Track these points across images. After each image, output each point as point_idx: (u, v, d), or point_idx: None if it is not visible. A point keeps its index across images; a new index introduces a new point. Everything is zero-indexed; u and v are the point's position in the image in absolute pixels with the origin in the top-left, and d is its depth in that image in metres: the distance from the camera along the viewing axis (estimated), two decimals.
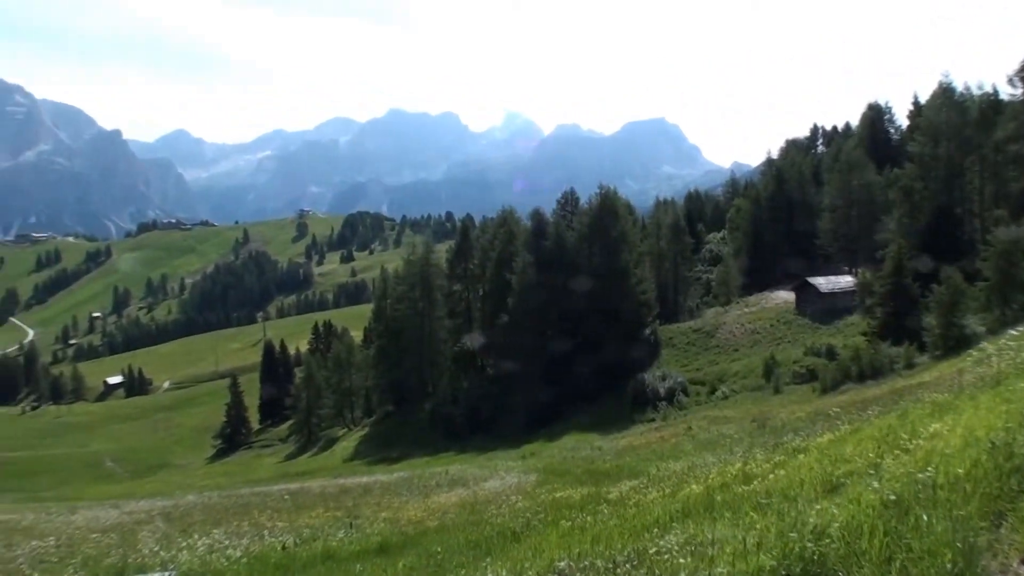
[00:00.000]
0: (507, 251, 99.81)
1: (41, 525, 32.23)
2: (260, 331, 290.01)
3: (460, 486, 36.53)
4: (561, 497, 26.01)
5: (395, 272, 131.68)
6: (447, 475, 43.36)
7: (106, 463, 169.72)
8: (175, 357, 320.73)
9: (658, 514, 15.68)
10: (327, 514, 31.99)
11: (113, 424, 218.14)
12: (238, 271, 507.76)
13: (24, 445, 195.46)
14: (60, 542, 27.12)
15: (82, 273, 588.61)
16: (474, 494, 32.38)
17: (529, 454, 61.72)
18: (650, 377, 79.13)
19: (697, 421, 60.79)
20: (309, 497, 39.89)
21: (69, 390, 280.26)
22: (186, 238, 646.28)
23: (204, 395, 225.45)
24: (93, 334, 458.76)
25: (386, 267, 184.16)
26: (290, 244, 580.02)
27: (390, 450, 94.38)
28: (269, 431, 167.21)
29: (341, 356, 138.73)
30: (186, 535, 28.41)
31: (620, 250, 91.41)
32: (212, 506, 38.52)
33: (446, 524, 25.53)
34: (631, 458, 41.76)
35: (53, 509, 42.77)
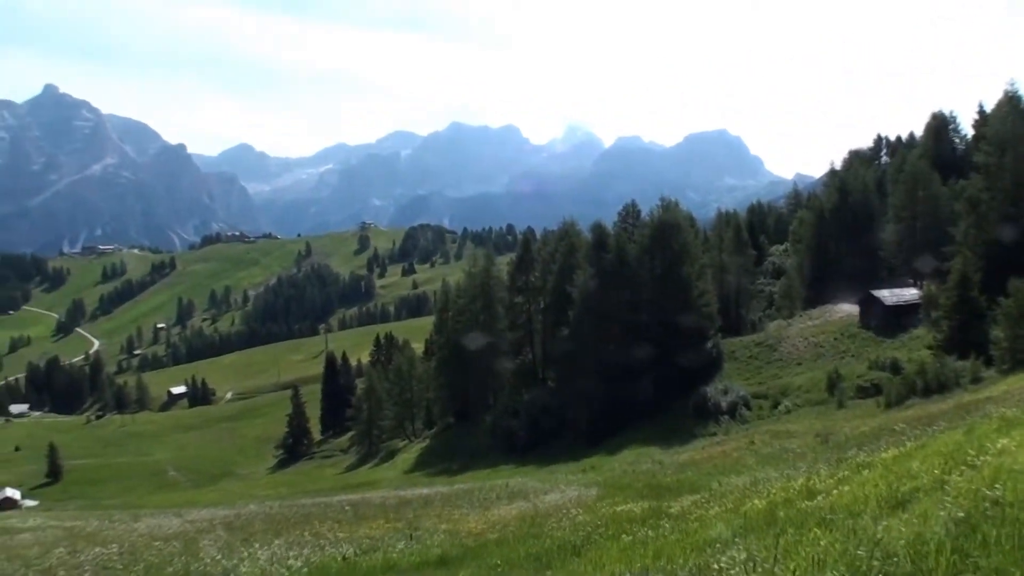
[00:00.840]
0: (568, 264, 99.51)
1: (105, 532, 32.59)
2: (322, 343, 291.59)
3: (520, 499, 36.45)
4: (622, 511, 25.85)
5: (456, 285, 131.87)
6: (507, 488, 43.28)
7: (169, 472, 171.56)
8: (238, 368, 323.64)
9: (720, 529, 15.53)
10: (387, 525, 32.05)
11: (176, 434, 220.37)
12: (300, 283, 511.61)
13: (89, 453, 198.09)
14: (123, 549, 27.39)
15: (147, 285, 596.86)
16: (534, 507, 32.29)
17: (589, 467, 61.45)
18: (712, 391, 78.48)
19: (759, 435, 60.14)
20: (369, 508, 39.98)
21: (133, 400, 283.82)
22: (249, 251, 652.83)
23: (266, 406, 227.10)
24: (157, 345, 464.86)
25: (447, 280, 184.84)
26: (352, 257, 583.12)
27: (450, 462, 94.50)
28: (330, 442, 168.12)
29: (402, 368, 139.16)
30: (247, 544, 28.59)
31: (682, 262, 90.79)
32: (273, 516, 38.75)
33: (506, 537, 25.47)
34: (692, 472, 41.47)
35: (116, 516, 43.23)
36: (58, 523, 36.81)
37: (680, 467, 48.27)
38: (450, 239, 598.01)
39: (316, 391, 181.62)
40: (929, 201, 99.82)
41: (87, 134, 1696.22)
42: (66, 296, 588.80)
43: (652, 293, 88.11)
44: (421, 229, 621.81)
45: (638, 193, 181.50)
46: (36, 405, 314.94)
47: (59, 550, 26.54)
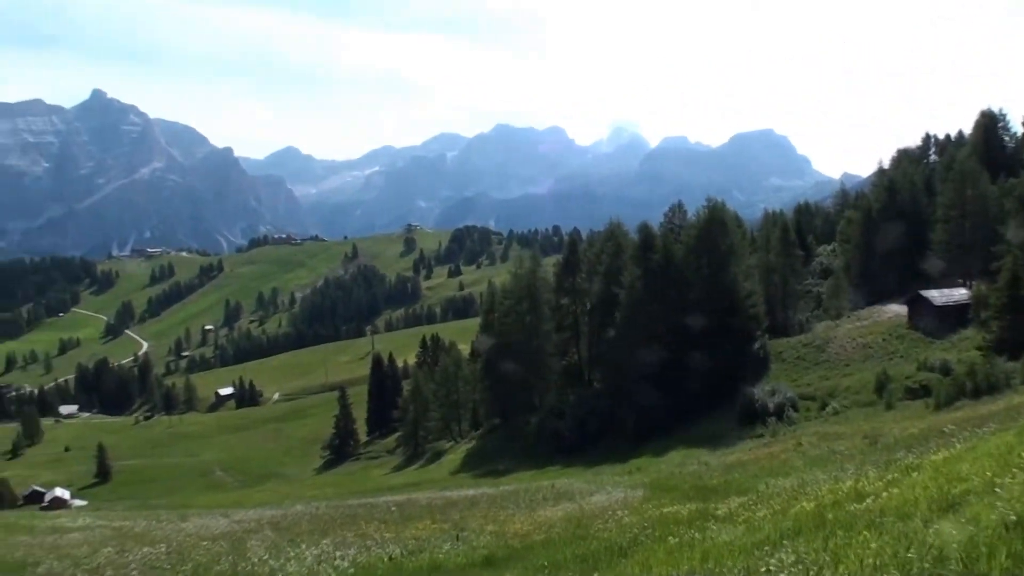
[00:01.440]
0: (615, 265, 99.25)
1: (153, 532, 32.86)
2: (369, 344, 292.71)
3: (566, 500, 36.38)
4: (668, 513, 25.72)
5: (502, 286, 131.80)
6: (553, 489, 43.23)
7: (216, 472, 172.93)
8: (285, 369, 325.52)
9: (768, 531, 15.40)
10: (434, 526, 32.09)
11: (224, 434, 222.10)
12: (347, 285, 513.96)
13: (137, 454, 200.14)
14: (171, 549, 27.59)
15: (195, 287, 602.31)
16: (580, 508, 32.21)
17: (636, 469, 61.27)
18: (759, 392, 77.94)
19: (807, 437, 59.67)
20: (416, 509, 40.07)
21: (181, 401, 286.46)
22: (296, 253, 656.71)
23: (313, 407, 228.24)
24: (205, 346, 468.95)
25: (493, 281, 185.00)
26: (398, 258, 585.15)
27: (496, 463, 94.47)
28: (377, 443, 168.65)
29: (448, 369, 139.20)
30: (294, 544, 28.73)
31: (728, 263, 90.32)
32: (320, 516, 38.90)
33: (552, 538, 25.42)
34: (740, 474, 41.19)
35: (164, 516, 43.58)
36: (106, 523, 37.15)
37: (727, 469, 47.99)
38: (496, 240, 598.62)
39: (363, 392, 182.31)
40: (978, 200, 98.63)
41: (135, 138, 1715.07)
42: (115, 298, 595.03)
43: (699, 294, 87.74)
44: (467, 231, 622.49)
45: (684, 194, 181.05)
46: (85, 406, 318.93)
47: (107, 549, 26.76)
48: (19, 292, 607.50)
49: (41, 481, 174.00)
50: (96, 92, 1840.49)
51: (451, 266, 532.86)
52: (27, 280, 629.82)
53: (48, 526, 35.65)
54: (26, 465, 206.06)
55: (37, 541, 29.35)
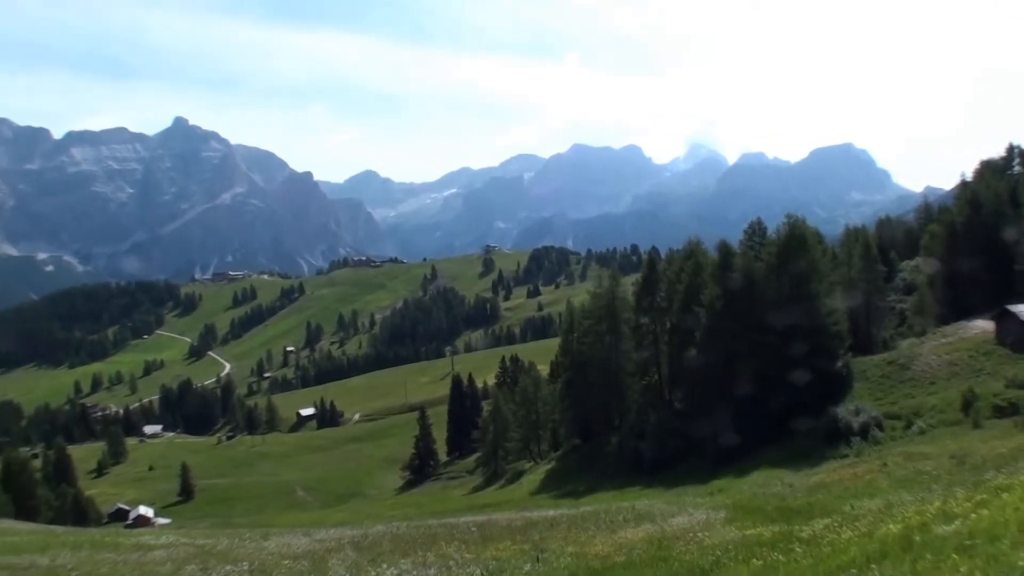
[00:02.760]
0: (694, 283, 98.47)
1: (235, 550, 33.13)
2: (448, 365, 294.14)
3: (647, 521, 36.08)
4: (751, 535, 25.41)
5: (581, 306, 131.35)
6: (634, 510, 42.90)
7: (298, 492, 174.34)
8: (365, 390, 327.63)
9: (854, 554, 15.15)
10: (514, 547, 32.01)
11: (305, 454, 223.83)
12: (427, 306, 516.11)
13: (220, 473, 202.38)
14: (253, 567, 27.81)
15: (276, 309, 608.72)
16: (661, 530, 31.94)
17: (717, 490, 60.66)
18: (842, 411, 76.68)
19: (892, 457, 58.58)
20: (496, 529, 39.98)
21: (263, 421, 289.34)
22: (376, 275, 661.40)
23: (393, 427, 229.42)
24: (287, 367, 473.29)
25: (572, 301, 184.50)
26: (477, 279, 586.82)
27: (576, 484, 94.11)
28: (456, 463, 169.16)
29: (528, 390, 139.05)
30: (375, 564, 28.80)
31: (810, 280, 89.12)
32: (400, 536, 39.00)
33: (633, 560, 25.23)
34: (824, 495, 40.61)
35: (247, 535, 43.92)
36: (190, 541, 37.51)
37: (810, 490, 47.33)
38: (574, 260, 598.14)
39: (442, 413, 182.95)
40: None
41: (216, 164, 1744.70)
42: (198, 321, 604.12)
43: (780, 312, 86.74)
44: (545, 251, 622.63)
45: (763, 210, 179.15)
46: (169, 426, 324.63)
47: (190, 567, 27.05)
48: (105, 315, 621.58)
49: (126, 499, 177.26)
50: (178, 119, 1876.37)
51: (530, 286, 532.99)
52: (113, 303, 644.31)
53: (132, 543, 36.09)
54: (111, 483, 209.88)
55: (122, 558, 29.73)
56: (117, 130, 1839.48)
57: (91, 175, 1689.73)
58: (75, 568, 25.95)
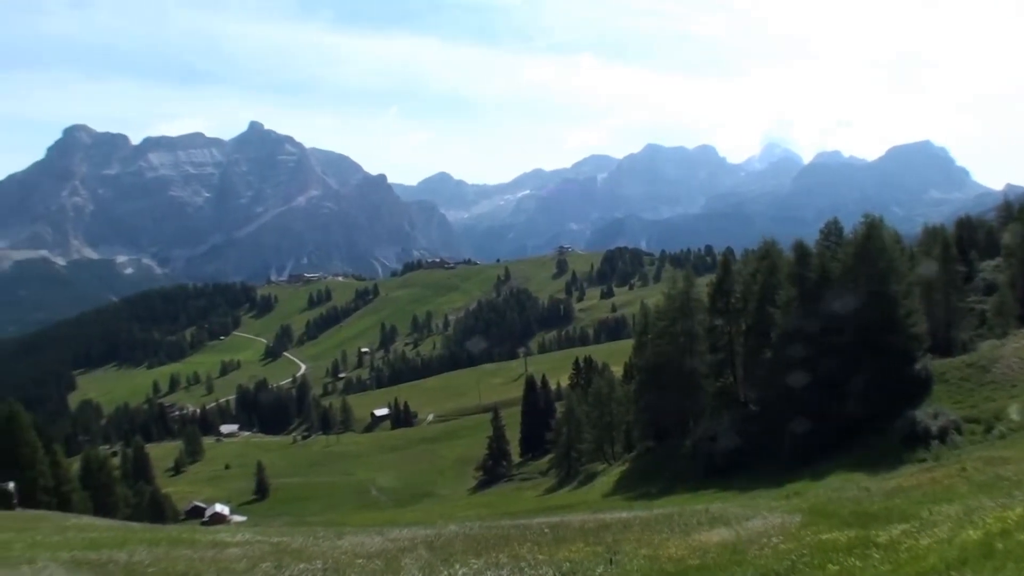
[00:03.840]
0: (769, 284, 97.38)
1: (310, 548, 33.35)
2: (521, 366, 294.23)
3: (721, 525, 35.74)
4: (827, 539, 25.04)
5: (655, 307, 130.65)
6: (708, 513, 42.52)
7: (371, 491, 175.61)
8: (439, 391, 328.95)
9: (933, 561, 14.85)
10: (587, 548, 31.86)
11: (379, 454, 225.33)
12: (500, 308, 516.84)
13: (295, 472, 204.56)
14: (327, 565, 27.95)
15: (351, 310, 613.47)
16: (736, 533, 31.62)
17: (793, 493, 59.92)
18: (921, 414, 75.42)
19: (972, 462, 57.37)
20: (569, 531, 39.83)
21: (338, 421, 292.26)
22: (450, 276, 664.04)
23: (466, 428, 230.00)
24: (361, 368, 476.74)
25: (646, 302, 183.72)
26: (550, 281, 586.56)
27: (650, 486, 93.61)
28: (529, 464, 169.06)
29: (602, 391, 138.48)
30: (448, 564, 28.82)
31: (887, 281, 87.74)
32: (473, 536, 38.99)
33: (707, 563, 25.00)
34: (901, 500, 39.90)
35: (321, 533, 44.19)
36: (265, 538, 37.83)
37: (888, 494, 46.58)
38: (648, 261, 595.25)
39: (516, 414, 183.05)
40: None
41: (291, 167, 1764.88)
42: (274, 322, 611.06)
43: (857, 313, 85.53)
44: (619, 252, 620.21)
45: (839, 210, 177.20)
46: (245, 426, 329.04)
47: (265, 565, 27.27)
48: (183, 316, 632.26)
49: (202, 497, 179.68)
50: (253, 124, 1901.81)
51: (603, 288, 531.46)
52: (190, 305, 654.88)
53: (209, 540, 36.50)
54: (188, 481, 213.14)
55: (198, 555, 30.06)
56: (194, 135, 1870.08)
57: (169, 180, 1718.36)
58: (152, 564, 26.28)
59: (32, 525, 46.59)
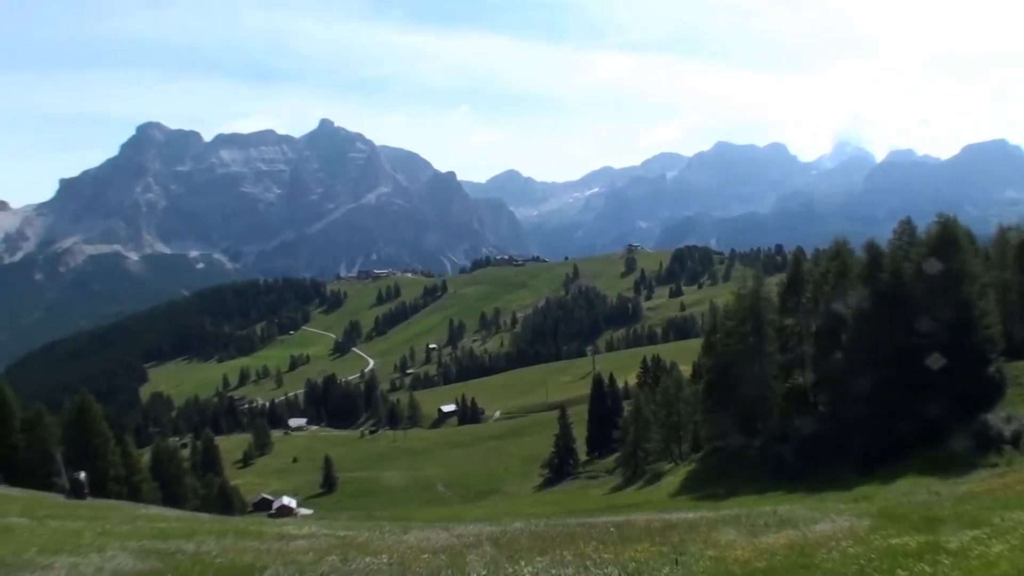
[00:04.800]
0: (840, 284, 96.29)
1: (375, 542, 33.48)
2: (589, 364, 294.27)
3: (789, 527, 35.41)
4: (896, 544, 24.71)
5: (724, 306, 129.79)
6: (775, 515, 42.11)
7: (438, 487, 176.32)
8: (506, 388, 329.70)
9: (1005, 568, 14.65)
10: (652, 548, 31.69)
11: (445, 450, 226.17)
12: (568, 305, 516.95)
13: (362, 467, 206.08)
14: (392, 560, 28.05)
15: (419, 307, 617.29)
16: (804, 536, 31.29)
17: (862, 496, 59.20)
18: (993, 418, 74.17)
19: None
20: (634, 530, 39.63)
21: (405, 416, 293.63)
22: (518, 274, 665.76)
23: (533, 425, 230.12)
24: (429, 364, 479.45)
25: (715, 301, 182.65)
26: (619, 279, 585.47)
27: (717, 486, 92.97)
28: (596, 463, 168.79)
29: (670, 390, 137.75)
30: (513, 561, 28.81)
31: (961, 282, 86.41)
32: (539, 534, 38.96)
33: (774, 566, 24.77)
34: (972, 505, 39.29)
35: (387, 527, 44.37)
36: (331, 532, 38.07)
37: (958, 499, 45.88)
38: (717, 260, 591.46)
39: (583, 412, 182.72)
40: None
41: (361, 165, 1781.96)
42: (343, 317, 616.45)
43: (930, 315, 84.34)
44: (688, 250, 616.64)
45: (912, 209, 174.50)
46: (313, 420, 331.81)
47: (331, 558, 27.43)
48: (253, 311, 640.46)
49: (270, 490, 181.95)
50: (324, 122, 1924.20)
51: (672, 286, 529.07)
52: (261, 300, 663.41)
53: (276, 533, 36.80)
54: (256, 474, 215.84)
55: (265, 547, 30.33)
56: (265, 132, 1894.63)
57: (240, 176, 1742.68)
58: (219, 555, 26.56)
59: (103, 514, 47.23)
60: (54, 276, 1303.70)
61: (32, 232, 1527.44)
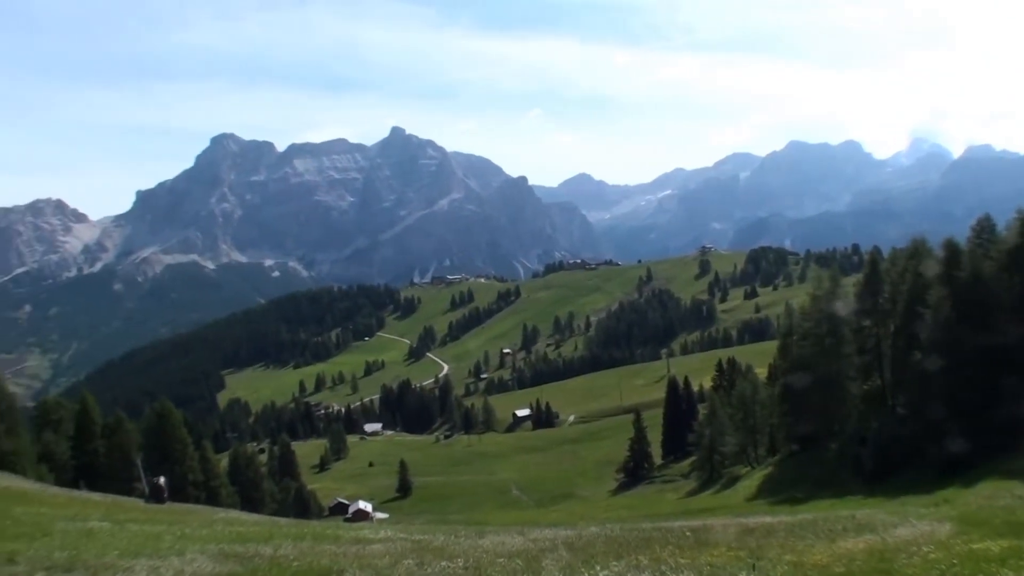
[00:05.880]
0: (918, 284, 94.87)
1: (451, 546, 33.55)
2: (664, 368, 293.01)
3: (868, 532, 34.92)
4: (978, 549, 24.26)
5: (800, 308, 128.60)
6: (854, 519, 41.56)
7: (512, 491, 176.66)
8: (581, 392, 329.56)
9: None
10: (729, 553, 31.42)
11: (520, 454, 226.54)
12: (642, 308, 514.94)
13: (437, 471, 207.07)
14: (468, 564, 28.07)
15: (493, 312, 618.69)
16: (883, 541, 30.83)
17: (943, 501, 58.19)
18: None
19: None
20: (711, 535, 39.34)
21: (480, 421, 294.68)
22: (591, 277, 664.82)
23: (608, 429, 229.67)
24: (503, 369, 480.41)
25: (791, 302, 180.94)
26: (693, 281, 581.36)
27: (794, 490, 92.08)
28: (671, 466, 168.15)
29: (745, 393, 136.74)
30: (588, 566, 28.69)
31: None
32: (614, 538, 38.79)
33: (853, 572, 24.44)
34: None
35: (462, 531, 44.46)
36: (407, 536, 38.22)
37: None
38: (792, 261, 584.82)
39: (657, 415, 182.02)
40: None
41: (433, 171, 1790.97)
42: (417, 323, 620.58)
43: (1012, 315, 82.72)
44: (762, 251, 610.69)
45: (991, 205, 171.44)
46: (389, 424, 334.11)
47: (407, 561, 27.51)
48: (328, 318, 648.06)
49: (346, 494, 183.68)
50: (395, 129, 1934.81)
51: (747, 288, 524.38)
52: (336, 307, 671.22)
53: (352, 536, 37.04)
54: (332, 478, 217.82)
55: (341, 550, 30.49)
56: (337, 141, 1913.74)
57: (313, 185, 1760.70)
58: (296, 558, 26.78)
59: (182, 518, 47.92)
60: (133, 286, 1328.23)
61: (111, 243, 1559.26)
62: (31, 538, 26.12)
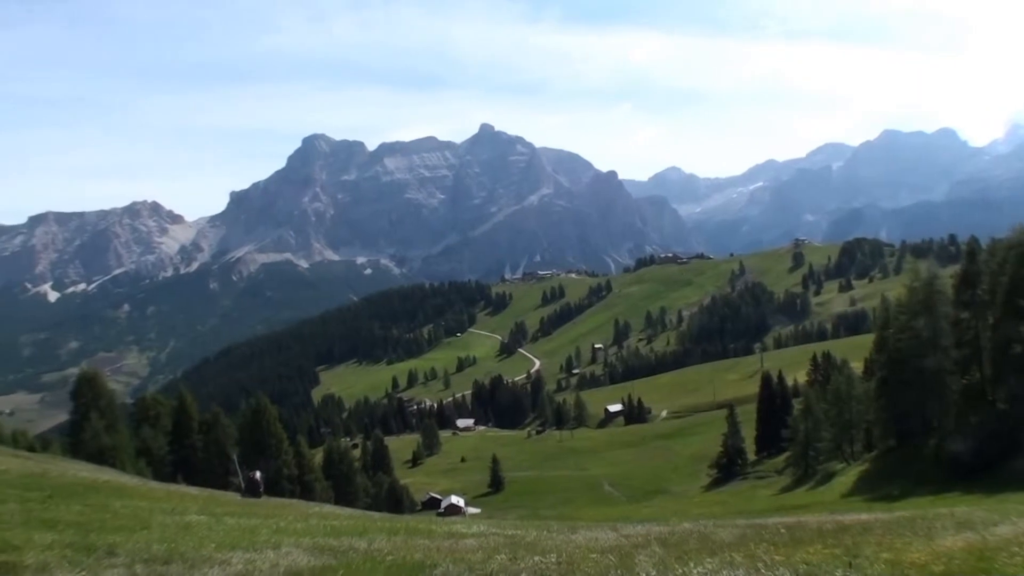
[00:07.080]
0: (1019, 275, 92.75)
1: (543, 541, 33.49)
2: (757, 362, 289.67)
3: (967, 529, 34.17)
4: None
5: (896, 300, 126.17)
6: (953, 517, 40.72)
7: (604, 486, 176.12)
8: (672, 387, 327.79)
9: None
10: (825, 551, 30.92)
11: (612, 450, 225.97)
12: (734, 302, 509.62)
13: (529, 466, 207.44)
14: (560, 559, 27.96)
15: (584, 307, 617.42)
16: (983, 539, 30.14)
17: None
18: None
19: None
20: (806, 532, 38.81)
21: (572, 416, 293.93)
22: (682, 271, 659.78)
23: (700, 424, 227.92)
24: (595, 364, 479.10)
25: (887, 295, 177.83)
26: (786, 274, 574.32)
27: (890, 487, 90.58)
28: (765, 462, 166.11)
29: (840, 388, 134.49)
30: (682, 562, 28.45)
31: None
32: (707, 535, 38.46)
33: (952, 570, 23.90)
34: None
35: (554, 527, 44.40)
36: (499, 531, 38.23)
37: None
38: (888, 252, 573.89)
39: (751, 410, 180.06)
40: None
41: (522, 167, 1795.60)
42: (508, 319, 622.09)
43: None
44: (857, 243, 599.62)
45: None
46: (481, 420, 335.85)
47: (500, 556, 27.49)
48: (420, 314, 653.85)
49: (438, 489, 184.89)
50: (484, 126, 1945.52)
51: (841, 280, 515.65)
52: (427, 303, 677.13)
53: (445, 531, 37.18)
54: (425, 473, 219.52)
55: (435, 545, 30.60)
56: (426, 139, 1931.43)
57: (404, 183, 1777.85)
58: (390, 552, 26.89)
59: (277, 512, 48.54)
60: (228, 284, 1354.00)
61: (206, 243, 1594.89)
62: (130, 531, 26.62)
